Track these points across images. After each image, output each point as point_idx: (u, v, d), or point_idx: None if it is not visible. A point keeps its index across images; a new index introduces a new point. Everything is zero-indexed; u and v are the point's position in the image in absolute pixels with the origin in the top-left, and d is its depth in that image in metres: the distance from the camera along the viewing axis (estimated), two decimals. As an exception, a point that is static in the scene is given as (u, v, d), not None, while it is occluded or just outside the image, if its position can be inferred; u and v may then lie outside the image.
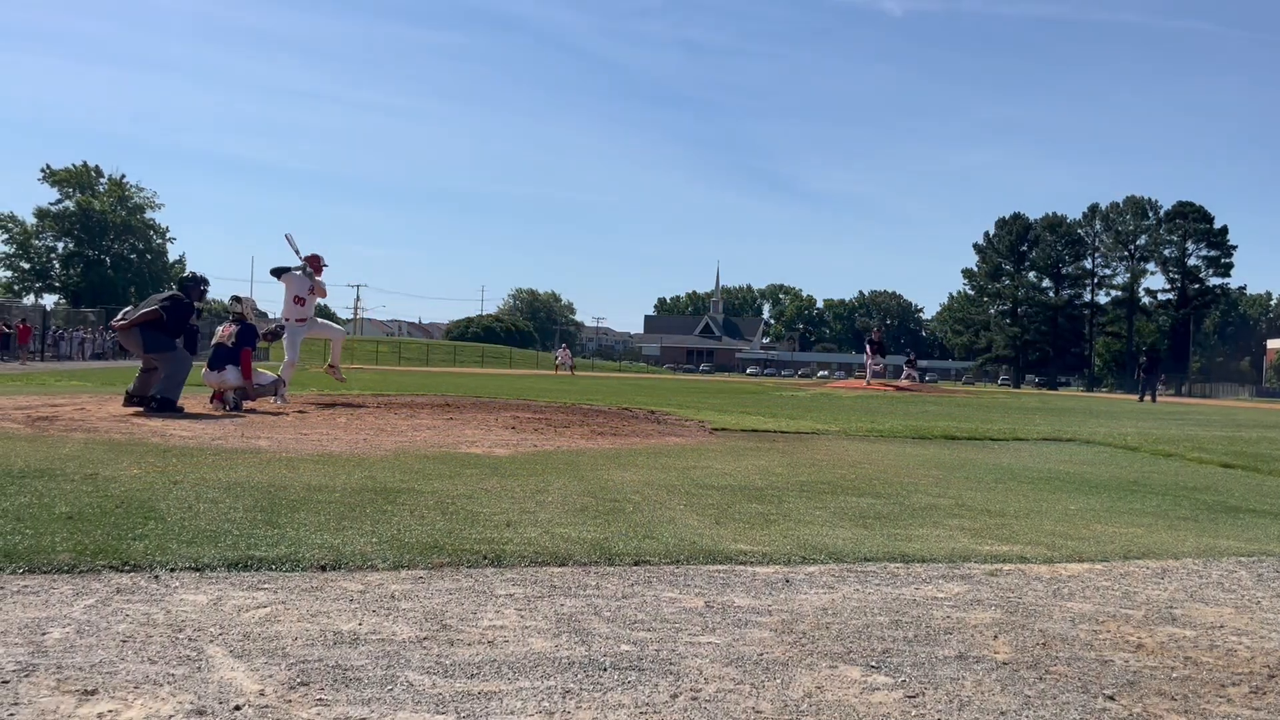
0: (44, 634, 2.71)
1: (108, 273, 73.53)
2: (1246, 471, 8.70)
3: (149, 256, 75.56)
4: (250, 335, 11.33)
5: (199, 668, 2.50)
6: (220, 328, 11.44)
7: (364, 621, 2.96)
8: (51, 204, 73.96)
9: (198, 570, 3.49)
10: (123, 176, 76.79)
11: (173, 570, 3.47)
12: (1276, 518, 5.97)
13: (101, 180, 76.13)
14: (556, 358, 51.34)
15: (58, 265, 75.10)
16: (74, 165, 75.43)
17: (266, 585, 3.34)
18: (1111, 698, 2.57)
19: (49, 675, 2.40)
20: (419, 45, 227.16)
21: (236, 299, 11.67)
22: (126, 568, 3.46)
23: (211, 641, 2.71)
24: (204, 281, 11.22)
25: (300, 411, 10.56)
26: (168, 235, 78.42)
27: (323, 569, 3.60)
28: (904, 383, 33.33)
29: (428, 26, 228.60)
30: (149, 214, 77.94)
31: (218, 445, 7.18)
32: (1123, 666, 2.85)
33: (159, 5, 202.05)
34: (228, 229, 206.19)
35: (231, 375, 10.99)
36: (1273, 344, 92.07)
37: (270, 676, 2.45)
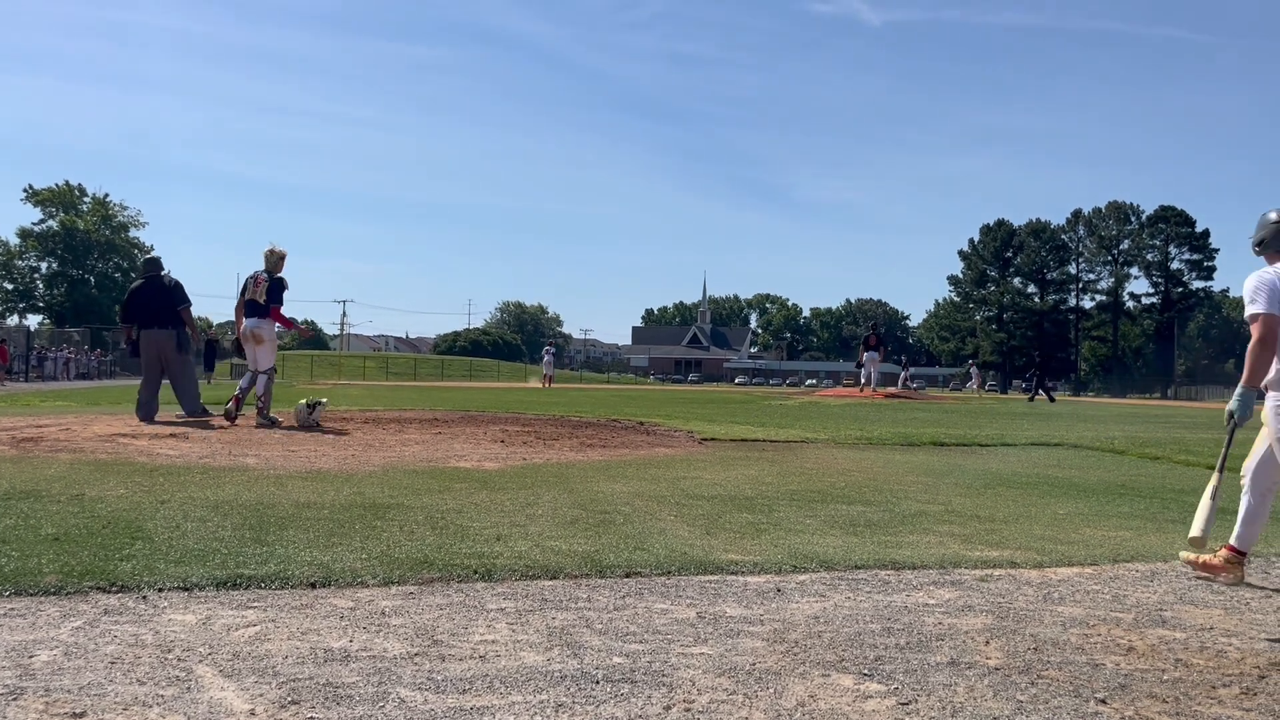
0: (31, 657, 2.69)
1: (92, 292, 73.11)
2: (1233, 474, 8.73)
3: (134, 275, 75.16)
4: (278, 289, 11.08)
5: (188, 688, 2.48)
6: (251, 280, 11.10)
7: (355, 638, 2.94)
8: (34, 224, 73.60)
9: (186, 590, 3.47)
10: (106, 195, 76.43)
11: (161, 590, 3.45)
12: (1264, 519, 6.00)
13: (85, 199, 75.71)
14: (545, 367, 43.67)
15: (41, 285, 74.68)
16: (57, 185, 74.97)
17: (256, 604, 3.32)
18: (1103, 701, 2.58)
19: (37, 698, 2.38)
20: (403, 60, 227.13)
21: (270, 252, 11.20)
22: (114, 589, 3.44)
23: (201, 661, 2.69)
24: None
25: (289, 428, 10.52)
26: (151, 251, 78.10)
27: (312, 586, 3.58)
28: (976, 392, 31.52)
29: (412, 41, 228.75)
30: (133, 232, 77.54)
31: (205, 464, 7.14)
32: (1114, 670, 2.85)
33: (142, 23, 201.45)
34: (212, 245, 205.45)
35: (266, 328, 10.98)
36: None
37: (260, 696, 2.44)
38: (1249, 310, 4.07)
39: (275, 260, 11.14)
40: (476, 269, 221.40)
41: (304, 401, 10.97)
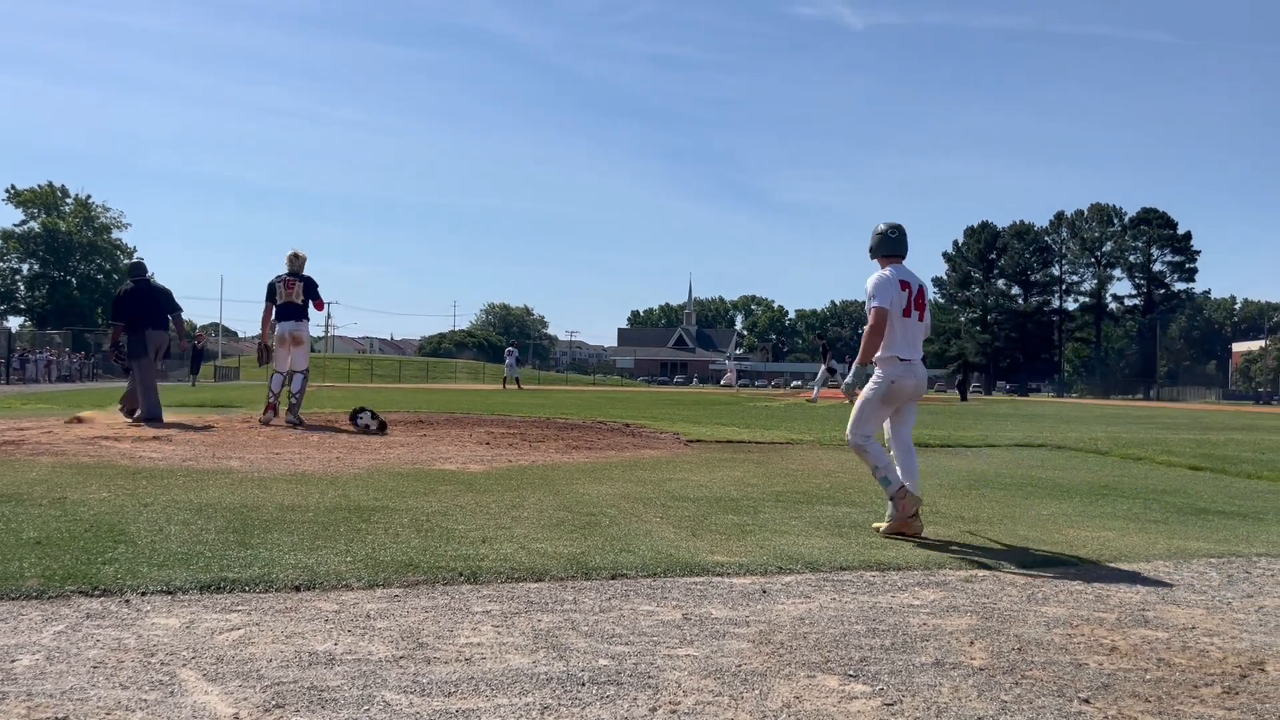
0: (13, 661, 2.67)
1: (74, 294, 72.62)
2: (1214, 474, 8.82)
3: (116, 277, 74.47)
4: (314, 289, 11.52)
5: (171, 692, 2.47)
6: (281, 284, 11.41)
7: (339, 641, 2.93)
8: (16, 225, 73.02)
9: (169, 593, 3.45)
10: (88, 197, 75.89)
11: (144, 594, 3.43)
12: (1245, 519, 6.05)
13: (67, 200, 75.14)
14: (507, 369, 40.92)
15: (23, 287, 74.11)
16: (39, 186, 74.43)
17: (240, 607, 3.31)
18: (1087, 701, 2.59)
19: (19, 703, 2.36)
20: (390, 62, 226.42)
21: (295, 255, 11.61)
22: (96, 592, 3.42)
23: (184, 665, 2.67)
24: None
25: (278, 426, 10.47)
26: (135, 255, 77.62)
27: (297, 589, 3.57)
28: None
29: (397, 43, 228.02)
30: (116, 234, 76.97)
31: (188, 466, 7.11)
32: (1097, 669, 2.87)
33: (125, 24, 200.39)
34: (196, 247, 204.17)
35: (305, 329, 11.43)
36: (1238, 347, 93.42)
37: (244, 699, 2.43)
38: (869, 305, 5.15)
39: (301, 263, 11.60)
40: (462, 271, 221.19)
41: (363, 410, 11.27)
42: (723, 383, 36.27)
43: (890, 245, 5.36)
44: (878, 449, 5.19)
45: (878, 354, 5.17)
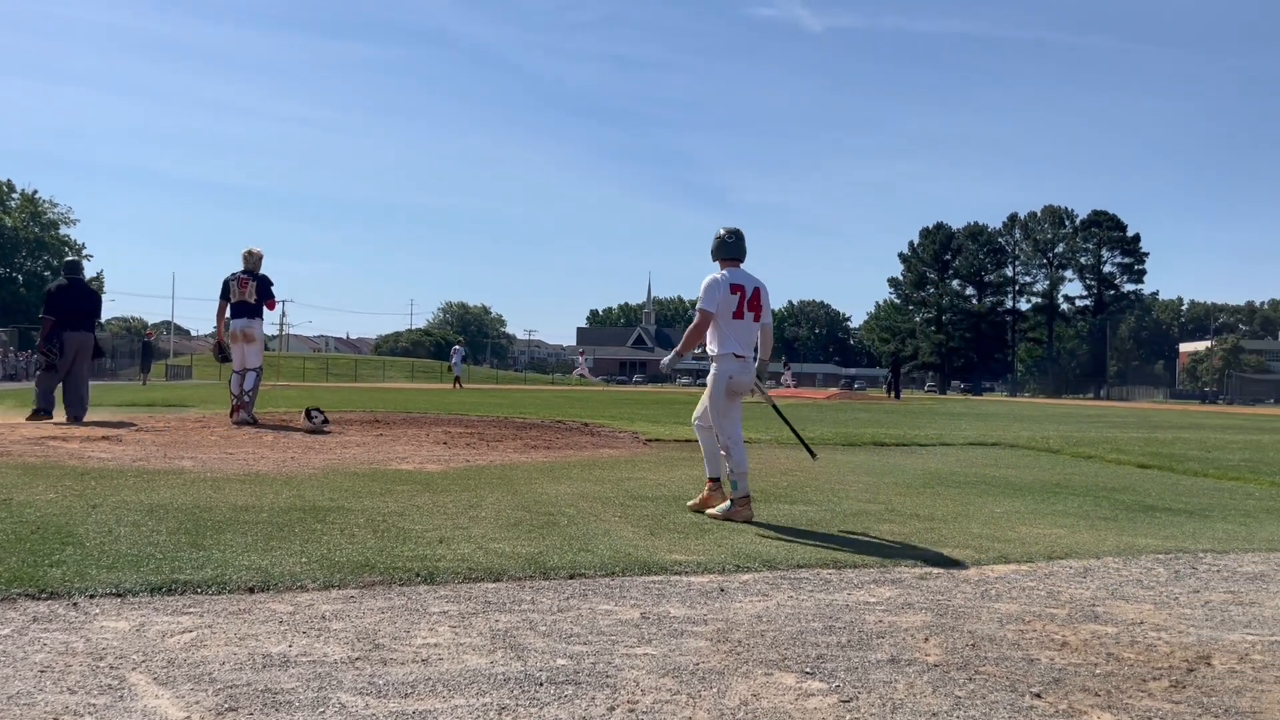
0: (-44, 667, 2.61)
1: (20, 291, 71.02)
2: (1162, 471, 8.99)
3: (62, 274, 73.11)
4: (267, 288, 11.47)
5: (121, 697, 2.42)
6: (234, 283, 11.35)
7: (294, 643, 2.90)
8: (-41, 221, 71.37)
9: (119, 596, 3.39)
10: (35, 192, 74.28)
11: (92, 597, 3.36)
12: (1191, 515, 6.17)
13: (13, 196, 73.55)
14: (454, 368, 40.23)
15: (-34, 284, 72.43)
16: (-17, 181, 72.89)
17: (192, 609, 3.26)
18: (1039, 695, 2.63)
19: (-39, 710, 2.31)
20: (344, 58, 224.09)
21: (250, 253, 11.53)
22: (43, 595, 3.35)
23: (134, 669, 2.63)
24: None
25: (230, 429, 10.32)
26: (83, 252, 76.06)
27: (250, 591, 3.52)
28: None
29: (353, 39, 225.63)
30: (64, 230, 75.35)
31: (139, 467, 6.99)
32: (1048, 664, 2.91)
33: (70, 17, 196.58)
34: (147, 245, 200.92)
35: (257, 327, 11.43)
36: (1185, 348, 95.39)
37: (196, 703, 2.39)
38: (699, 305, 5.52)
39: (256, 260, 11.53)
40: (419, 269, 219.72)
41: (310, 409, 11.19)
42: (575, 373, 36.56)
43: (728, 249, 5.64)
44: (742, 454, 5.48)
45: (717, 350, 5.51)
